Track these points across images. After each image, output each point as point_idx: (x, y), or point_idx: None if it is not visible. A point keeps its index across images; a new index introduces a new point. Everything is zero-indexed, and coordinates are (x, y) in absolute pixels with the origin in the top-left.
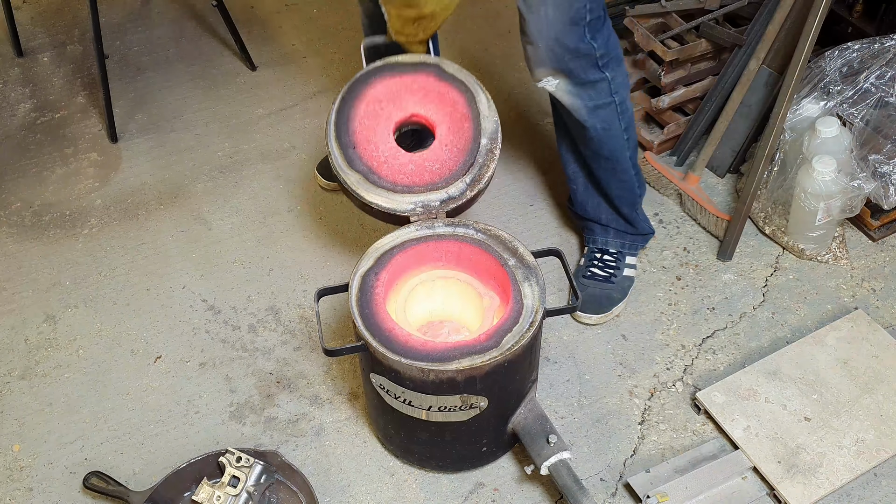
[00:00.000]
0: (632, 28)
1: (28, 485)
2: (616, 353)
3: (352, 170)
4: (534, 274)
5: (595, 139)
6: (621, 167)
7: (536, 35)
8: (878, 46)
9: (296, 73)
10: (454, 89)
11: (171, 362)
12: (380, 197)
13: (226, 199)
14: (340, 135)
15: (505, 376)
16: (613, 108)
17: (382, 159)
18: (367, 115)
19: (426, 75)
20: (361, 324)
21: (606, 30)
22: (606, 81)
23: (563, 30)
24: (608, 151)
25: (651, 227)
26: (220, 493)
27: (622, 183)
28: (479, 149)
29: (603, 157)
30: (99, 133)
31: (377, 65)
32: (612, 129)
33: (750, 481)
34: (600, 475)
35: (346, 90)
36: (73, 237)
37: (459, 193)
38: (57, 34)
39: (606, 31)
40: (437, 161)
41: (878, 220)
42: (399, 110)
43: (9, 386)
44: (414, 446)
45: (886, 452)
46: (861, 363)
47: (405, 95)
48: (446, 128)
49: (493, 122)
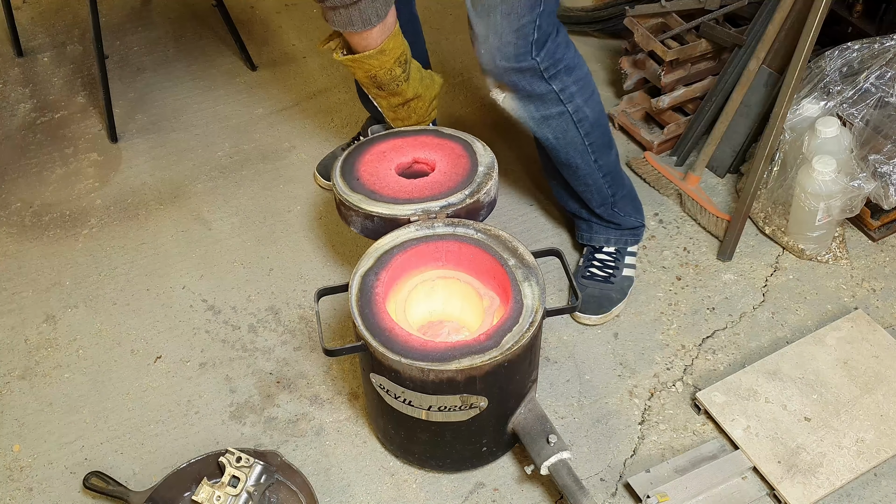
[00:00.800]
0: (632, 28)
1: (28, 485)
2: (616, 353)
3: (354, 192)
4: (534, 274)
5: (549, 148)
6: (583, 172)
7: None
8: (878, 46)
9: (296, 73)
10: (452, 142)
11: (171, 362)
12: (381, 207)
13: (226, 199)
14: (345, 174)
15: (505, 376)
16: (566, 118)
17: (384, 184)
18: (372, 160)
19: (426, 136)
20: (361, 324)
21: (553, 42)
22: (554, 93)
23: (508, 42)
24: (564, 158)
25: (639, 220)
26: (220, 493)
27: (587, 186)
28: (476, 173)
29: (562, 164)
30: (99, 133)
31: (380, 133)
32: (565, 138)
33: (750, 481)
34: (600, 475)
35: (351, 149)
36: (73, 237)
37: (459, 201)
38: (57, 34)
39: (553, 44)
40: (437, 183)
41: (878, 220)
42: (402, 156)
43: (9, 386)
44: (414, 446)
45: (886, 452)
46: (861, 363)
47: (407, 148)
48: (446, 163)
49: (489, 157)
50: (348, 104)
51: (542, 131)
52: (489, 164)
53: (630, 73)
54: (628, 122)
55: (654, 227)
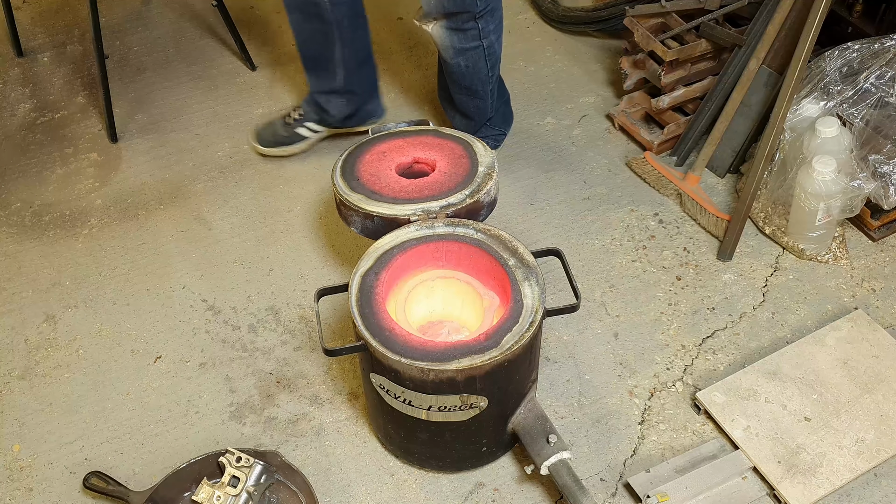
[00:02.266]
0: (632, 28)
1: (28, 485)
2: (616, 353)
3: (354, 192)
4: (534, 274)
5: (458, 74)
6: (479, 96)
7: None
8: (878, 46)
9: (296, 73)
10: (452, 142)
11: (171, 362)
12: (381, 207)
13: (226, 199)
14: (346, 174)
15: (505, 376)
16: (480, 51)
17: (384, 184)
18: (372, 160)
19: (427, 136)
20: (361, 324)
21: None
22: (477, 30)
23: None
24: (469, 84)
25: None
26: (220, 493)
27: (477, 108)
28: (476, 173)
29: (464, 88)
30: (99, 133)
31: (380, 132)
32: (475, 67)
33: (750, 481)
34: (600, 475)
35: (351, 148)
36: (73, 237)
37: (459, 201)
38: (57, 34)
39: None
40: (437, 183)
41: (878, 220)
42: (402, 156)
43: (9, 386)
44: (414, 446)
45: (886, 452)
46: (861, 363)
47: (408, 148)
48: (446, 163)
49: (489, 157)
50: None
51: (457, 60)
52: (489, 164)
53: (630, 73)
54: (628, 122)
55: (654, 227)
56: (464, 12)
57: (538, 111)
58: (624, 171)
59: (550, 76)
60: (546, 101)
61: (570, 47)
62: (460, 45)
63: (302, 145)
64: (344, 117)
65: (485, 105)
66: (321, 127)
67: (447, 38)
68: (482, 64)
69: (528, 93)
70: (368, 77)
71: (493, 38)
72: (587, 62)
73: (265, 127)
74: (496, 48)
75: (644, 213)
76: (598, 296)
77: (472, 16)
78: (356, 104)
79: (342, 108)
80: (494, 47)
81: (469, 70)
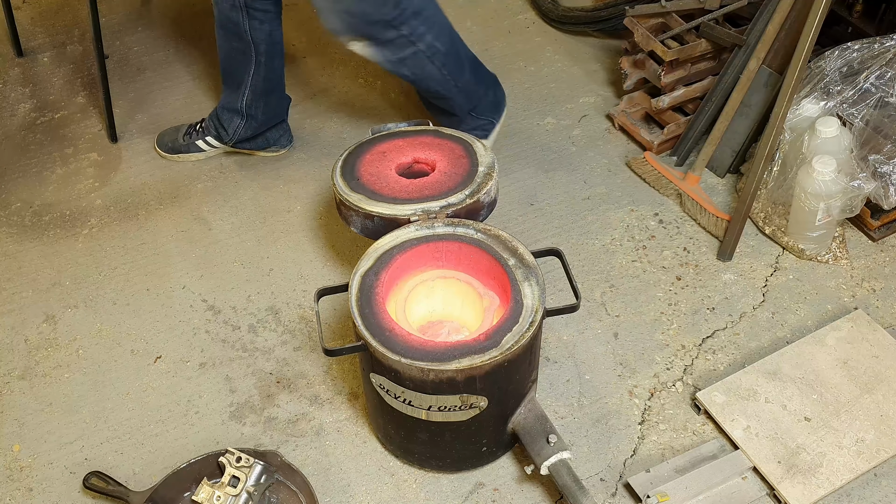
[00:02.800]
0: (632, 28)
1: (28, 485)
2: (616, 353)
3: (354, 192)
4: (534, 274)
5: (411, 81)
6: (444, 96)
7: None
8: (878, 46)
9: (296, 73)
10: (452, 142)
11: (171, 362)
12: (381, 207)
13: (226, 199)
14: (346, 174)
15: (505, 376)
16: (420, 56)
17: (384, 184)
18: (372, 161)
19: (427, 136)
20: (361, 324)
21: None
22: (404, 37)
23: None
24: (427, 88)
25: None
26: (220, 493)
27: (450, 105)
28: (476, 173)
29: (427, 92)
30: (99, 133)
31: (380, 132)
32: (423, 72)
33: (750, 481)
34: (600, 475)
35: (351, 148)
36: (73, 237)
37: (459, 201)
38: (57, 34)
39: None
40: (437, 183)
41: (878, 220)
42: (402, 156)
43: (9, 386)
44: (414, 446)
45: (886, 452)
46: (861, 363)
47: (408, 148)
48: (446, 163)
49: (489, 157)
50: (348, 104)
51: (400, 71)
52: (489, 164)
53: (630, 73)
54: (628, 122)
55: (654, 227)
56: (376, 24)
57: (538, 111)
58: (624, 171)
59: (550, 76)
60: (546, 101)
61: (570, 47)
62: (395, 57)
63: (199, 156)
64: (240, 139)
65: (456, 101)
66: (218, 143)
67: (376, 54)
68: (429, 67)
69: (527, 93)
70: (275, 107)
71: (431, 37)
72: (587, 62)
73: (170, 131)
74: (439, 46)
75: (644, 213)
76: (598, 296)
77: (387, 25)
78: (254, 129)
79: (239, 129)
80: (436, 46)
81: (419, 76)
